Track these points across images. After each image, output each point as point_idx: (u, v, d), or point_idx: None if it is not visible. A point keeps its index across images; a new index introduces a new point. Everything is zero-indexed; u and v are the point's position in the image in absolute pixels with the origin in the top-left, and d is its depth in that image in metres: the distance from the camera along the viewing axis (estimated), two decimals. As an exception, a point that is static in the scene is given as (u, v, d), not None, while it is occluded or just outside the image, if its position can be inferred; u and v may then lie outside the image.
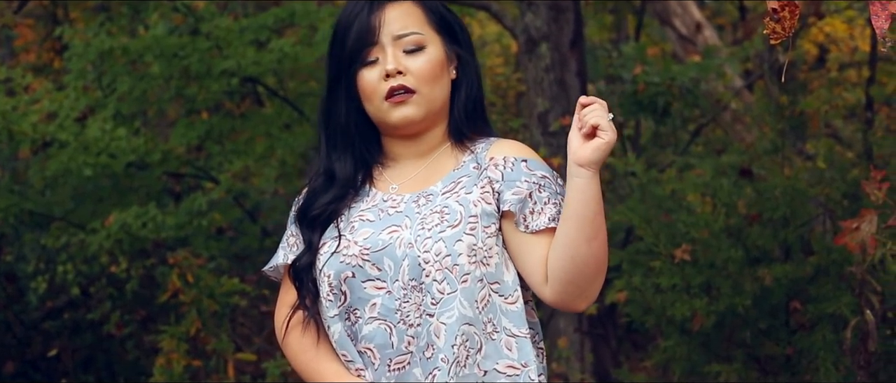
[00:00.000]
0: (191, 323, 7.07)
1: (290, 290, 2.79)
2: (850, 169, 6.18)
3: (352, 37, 2.72)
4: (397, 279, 2.63)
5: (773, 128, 6.05)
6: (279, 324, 2.80)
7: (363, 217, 2.72)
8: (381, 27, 2.72)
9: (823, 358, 5.23)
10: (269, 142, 7.87)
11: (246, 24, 7.80)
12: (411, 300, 2.63)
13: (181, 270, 7.12)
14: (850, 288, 5.16)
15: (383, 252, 2.64)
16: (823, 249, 5.44)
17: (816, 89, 9.51)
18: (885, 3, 2.24)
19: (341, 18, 2.77)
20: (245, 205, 8.39)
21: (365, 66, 2.72)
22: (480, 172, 2.71)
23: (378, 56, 2.72)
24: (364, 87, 2.73)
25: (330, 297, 2.69)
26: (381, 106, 2.71)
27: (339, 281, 2.67)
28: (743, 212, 5.79)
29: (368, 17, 2.72)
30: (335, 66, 2.76)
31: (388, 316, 2.64)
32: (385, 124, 2.75)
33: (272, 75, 8.02)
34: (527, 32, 6.88)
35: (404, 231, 2.65)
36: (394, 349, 2.64)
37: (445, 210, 2.66)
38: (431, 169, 2.77)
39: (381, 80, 2.70)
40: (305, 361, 2.76)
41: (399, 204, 2.72)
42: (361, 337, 2.67)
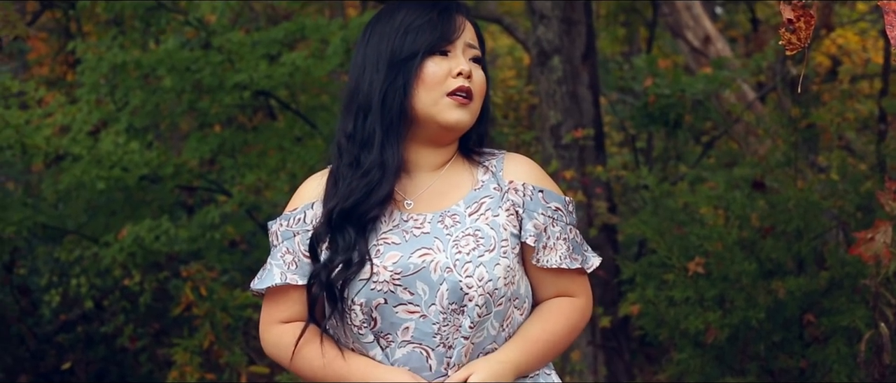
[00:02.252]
0: (204, 336, 7.07)
1: (284, 307, 2.76)
2: (863, 181, 6.17)
3: (434, 26, 2.73)
4: (434, 303, 2.63)
5: (785, 141, 6.04)
6: (285, 342, 2.73)
7: (387, 240, 2.68)
8: (461, 29, 2.76)
9: (837, 372, 5.21)
10: (281, 156, 7.87)
11: (258, 37, 7.81)
12: (451, 323, 2.64)
13: (194, 283, 7.13)
14: (864, 301, 5.14)
15: (416, 276, 2.63)
16: (837, 262, 5.42)
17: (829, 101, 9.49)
18: (900, 15, 2.24)
19: (411, 11, 2.76)
20: (258, 218, 8.39)
21: (433, 56, 2.72)
22: (502, 194, 2.75)
23: (449, 51, 2.74)
24: (430, 75, 2.71)
25: (363, 326, 2.66)
26: (441, 100, 2.71)
27: (371, 308, 2.65)
28: (756, 224, 5.78)
29: (452, 14, 2.76)
30: (403, 50, 2.72)
31: (425, 339, 2.64)
32: (434, 120, 2.72)
33: (284, 88, 8.03)
34: (539, 45, 6.88)
35: (438, 254, 2.65)
36: (432, 372, 2.66)
37: (478, 233, 2.68)
38: (446, 184, 2.77)
39: (449, 75, 2.71)
40: (338, 362, 2.69)
41: (423, 224, 2.70)
42: (394, 360, 2.66)
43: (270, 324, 2.78)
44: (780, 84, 8.55)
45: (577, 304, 2.82)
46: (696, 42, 9.60)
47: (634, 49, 12.24)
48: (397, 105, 2.69)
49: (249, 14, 10.21)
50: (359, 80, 2.76)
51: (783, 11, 2.39)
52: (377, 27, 2.78)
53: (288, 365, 2.77)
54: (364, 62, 2.76)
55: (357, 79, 2.76)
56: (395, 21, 2.75)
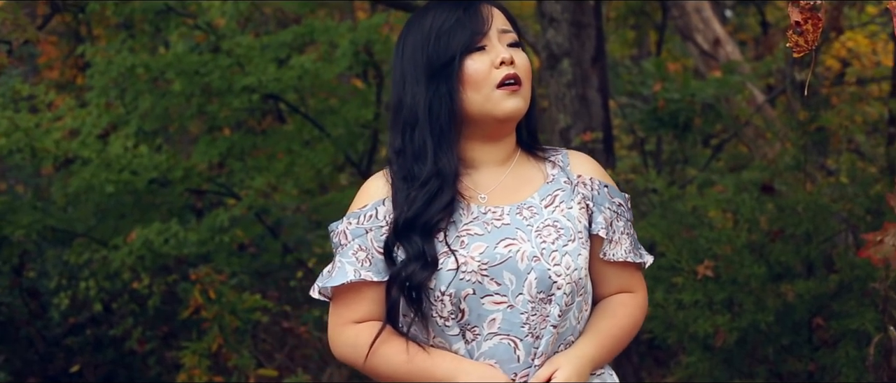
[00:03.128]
0: (213, 340, 7.07)
1: (356, 307, 2.73)
2: (872, 184, 6.15)
3: (463, 24, 2.71)
4: (521, 292, 2.64)
5: (794, 144, 6.03)
6: (362, 342, 2.70)
7: (470, 231, 2.68)
8: (491, 18, 2.74)
9: (846, 375, 5.20)
10: (290, 159, 7.88)
11: (267, 41, 7.83)
12: (538, 312, 2.66)
13: (203, 286, 7.13)
14: (873, 305, 5.13)
15: (503, 266, 2.64)
16: (846, 265, 5.41)
17: (838, 104, 9.48)
18: (908, 17, 2.24)
19: (437, 14, 2.74)
20: (267, 222, 8.40)
21: (472, 54, 2.71)
22: (573, 188, 2.78)
23: (486, 44, 2.72)
24: (473, 74, 2.70)
25: (450, 317, 2.65)
26: (492, 94, 2.70)
27: (460, 298, 2.64)
28: (765, 228, 5.77)
29: (478, 7, 2.74)
30: (438, 57, 2.70)
31: (513, 330, 2.65)
32: (490, 115, 2.71)
33: (293, 92, 8.04)
34: (548, 48, 6.88)
35: (523, 244, 2.66)
36: (520, 363, 2.67)
37: (557, 224, 2.71)
38: (516, 178, 2.79)
39: (491, 68, 2.70)
40: (421, 358, 2.67)
41: (502, 216, 2.71)
42: (480, 353, 2.67)
43: (343, 325, 2.75)
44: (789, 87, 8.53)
45: (638, 300, 2.88)
46: (705, 45, 9.60)
47: (644, 52, 12.23)
48: (445, 112, 2.69)
49: (259, 17, 10.22)
50: (401, 95, 2.75)
51: (791, 14, 2.39)
52: (408, 39, 2.77)
53: (361, 366, 2.73)
54: (403, 76, 2.76)
55: (399, 94, 2.76)
56: (425, 28, 2.74)
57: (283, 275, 8.89)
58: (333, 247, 2.77)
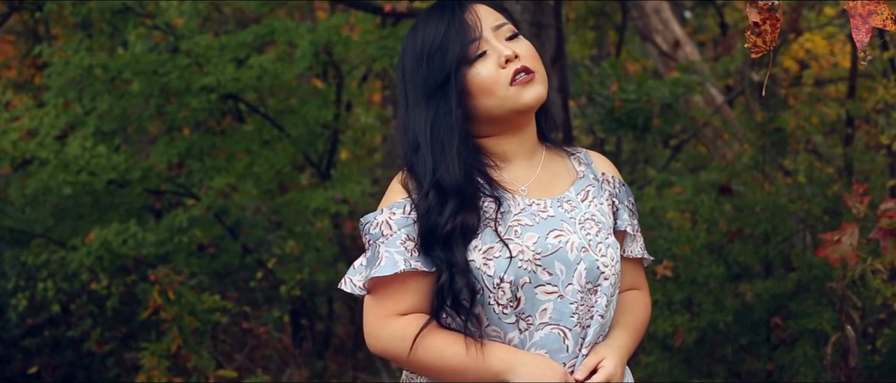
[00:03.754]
0: (172, 341, 7.04)
1: (401, 298, 2.68)
2: (830, 184, 6.20)
3: (452, 39, 2.70)
4: (571, 283, 2.68)
5: (753, 144, 6.06)
6: (408, 334, 2.66)
7: (520, 221, 2.69)
8: (480, 21, 2.73)
9: (804, 374, 5.23)
10: (249, 159, 7.86)
11: (226, 41, 7.79)
12: (585, 303, 2.70)
13: (162, 287, 7.10)
14: (830, 304, 5.17)
15: (554, 256, 2.67)
16: (804, 265, 5.44)
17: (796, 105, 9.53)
18: (866, 18, 2.25)
19: (426, 30, 2.74)
20: (226, 222, 8.37)
21: (473, 63, 2.70)
22: (600, 185, 2.84)
23: (485, 49, 2.71)
24: (481, 81, 2.70)
25: (508, 305, 2.65)
26: (508, 93, 2.70)
27: (518, 286, 2.64)
28: (724, 228, 5.80)
29: (463, 16, 2.73)
30: (434, 76, 2.70)
31: (562, 320, 2.68)
32: (513, 111, 2.72)
33: (252, 92, 8.01)
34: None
35: (571, 235, 2.70)
36: (568, 352, 2.70)
37: (595, 218, 2.77)
38: (548, 173, 2.82)
39: (498, 69, 2.70)
40: (475, 350, 2.65)
41: (546, 208, 2.74)
42: (532, 343, 2.68)
43: (387, 317, 2.70)
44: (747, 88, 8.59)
45: (648, 297, 2.98)
46: (664, 46, 9.64)
47: (604, 53, 12.27)
48: (447, 129, 2.69)
49: (218, 17, 10.19)
50: (404, 118, 2.76)
51: (749, 14, 2.40)
52: (405, 60, 2.78)
53: (405, 359, 2.69)
54: (405, 98, 2.77)
55: (402, 116, 2.78)
56: (417, 48, 2.74)
57: (242, 276, 8.86)
58: (371, 239, 2.72)
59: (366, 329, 2.74)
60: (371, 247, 2.71)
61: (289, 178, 8.58)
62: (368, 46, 7.69)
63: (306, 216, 8.04)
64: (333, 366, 8.44)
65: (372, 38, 7.75)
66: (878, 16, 2.27)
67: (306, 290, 8.56)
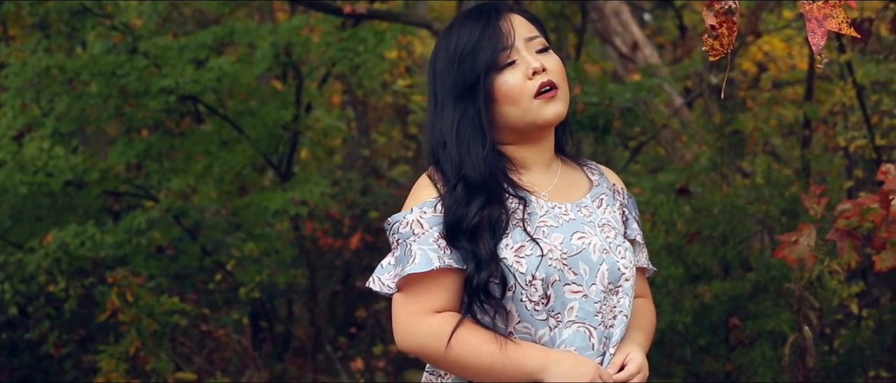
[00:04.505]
0: (130, 343, 7.01)
1: (435, 295, 2.71)
2: (787, 186, 6.23)
3: (485, 44, 2.75)
4: (594, 283, 2.74)
5: (711, 146, 6.09)
6: (444, 331, 2.68)
7: (546, 223, 2.74)
8: (513, 30, 2.78)
9: (762, 375, 5.26)
10: (208, 160, 7.83)
11: (185, 42, 7.76)
12: (607, 303, 2.76)
13: (120, 289, 7.06)
14: (788, 305, 5.19)
15: (579, 256, 2.72)
16: (762, 266, 5.47)
17: (754, 107, 9.59)
18: (822, 21, 2.27)
19: (460, 32, 2.79)
20: (185, 224, 8.33)
21: (502, 70, 2.75)
22: (612, 194, 2.92)
23: (514, 58, 2.76)
24: (507, 89, 2.75)
25: (540, 302, 2.69)
26: (531, 105, 2.75)
27: (548, 284, 2.69)
28: (682, 229, 5.82)
29: (498, 23, 2.77)
30: (464, 78, 2.76)
31: (588, 319, 2.73)
32: (533, 124, 2.77)
33: (211, 93, 7.98)
34: (467, 50, 6.89)
35: (593, 237, 2.76)
36: (593, 350, 2.75)
37: (610, 224, 2.84)
38: (565, 180, 2.88)
39: (525, 80, 2.75)
40: (511, 349, 2.68)
41: (567, 212, 2.80)
42: (561, 341, 2.72)
43: (421, 314, 2.71)
44: (706, 90, 8.62)
45: (653, 306, 3.08)
46: (624, 48, 9.66)
47: (563, 55, 12.28)
48: (472, 131, 2.75)
49: (177, 18, 10.14)
50: (433, 117, 2.82)
51: (706, 17, 2.42)
52: (437, 61, 2.83)
53: (441, 356, 2.70)
54: (434, 97, 2.82)
55: (431, 114, 2.83)
56: (449, 50, 2.79)
57: (201, 278, 8.83)
58: (400, 238, 2.74)
59: (397, 326, 2.75)
60: (400, 245, 2.74)
61: (250, 180, 8.56)
62: (328, 48, 7.68)
63: (266, 218, 8.02)
64: (293, 368, 8.43)
65: (332, 39, 7.74)
66: (833, 19, 2.29)
67: (266, 292, 8.54)
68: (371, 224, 9.71)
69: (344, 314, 9.44)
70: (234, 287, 8.47)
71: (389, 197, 9.97)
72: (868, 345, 6.05)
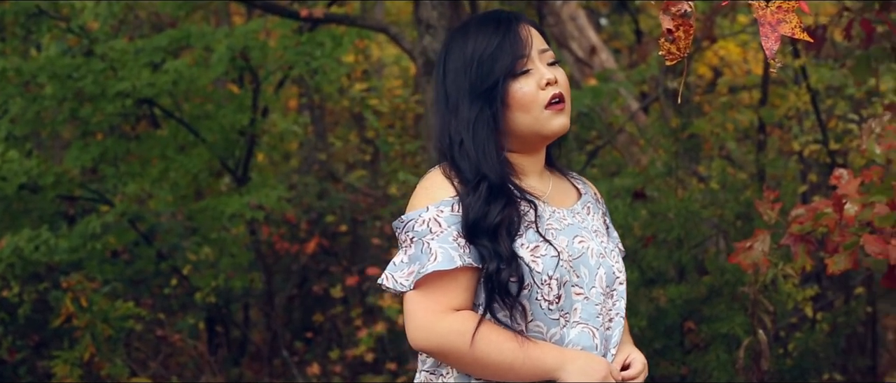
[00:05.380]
0: (85, 348, 6.96)
1: (454, 294, 2.73)
2: (742, 190, 6.27)
3: (505, 50, 2.80)
4: (594, 286, 2.82)
5: (667, 151, 6.12)
6: (467, 328, 2.70)
7: (551, 227, 2.80)
8: (531, 40, 2.83)
9: (717, 378, 5.29)
10: (164, 164, 7.79)
11: (141, 45, 7.72)
12: (605, 305, 2.85)
13: (75, 294, 7.02)
14: (743, 308, 5.22)
15: (580, 260, 2.81)
16: (717, 270, 5.50)
17: (710, 112, 9.63)
18: (775, 26, 2.28)
19: (479, 36, 2.83)
20: (140, 228, 8.29)
21: (517, 78, 2.80)
22: (596, 204, 3.01)
23: (530, 67, 2.81)
24: (521, 97, 2.80)
25: (553, 301, 2.75)
26: (541, 114, 2.81)
27: (562, 284, 2.75)
28: (638, 233, 5.84)
29: (518, 30, 2.83)
30: (482, 81, 2.79)
31: (590, 320, 2.80)
32: (539, 134, 2.83)
33: (167, 97, 7.95)
34: (425, 55, 6.89)
35: (590, 242, 2.84)
36: (597, 351, 2.81)
37: (600, 230, 2.93)
38: (558, 188, 2.95)
39: (538, 89, 2.80)
40: (529, 347, 2.72)
41: (566, 217, 2.87)
42: (569, 340, 2.78)
43: (441, 312, 2.72)
44: (662, 95, 8.66)
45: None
46: (580, 52, 9.69)
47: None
48: (487, 132, 2.79)
49: (133, 21, 10.09)
50: (446, 115, 2.85)
51: (662, 21, 2.43)
52: (450, 63, 2.87)
53: (464, 353, 2.71)
54: (447, 97, 2.85)
55: (444, 117, 2.86)
56: (466, 53, 2.83)
57: (157, 283, 8.78)
58: (415, 236, 2.75)
59: (415, 323, 2.75)
60: (415, 243, 2.75)
61: (206, 184, 8.52)
62: (285, 52, 7.67)
63: (222, 222, 7.99)
64: (249, 373, 8.40)
65: (289, 43, 7.73)
66: (787, 24, 2.30)
67: (222, 297, 8.51)
68: (327, 228, 9.69)
69: (300, 319, 9.41)
70: (190, 291, 8.43)
71: (346, 201, 9.96)
72: (822, 348, 6.09)
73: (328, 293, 8.96)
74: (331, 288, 8.81)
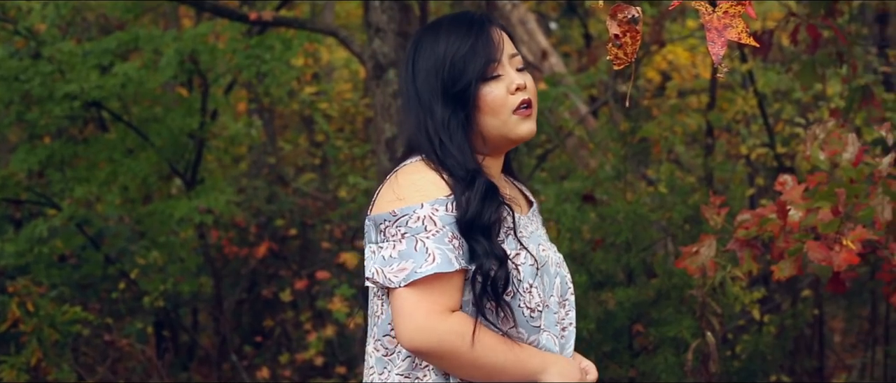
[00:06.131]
0: (31, 353, 6.91)
1: (449, 295, 2.69)
2: (691, 193, 6.30)
3: (479, 52, 2.79)
4: (552, 294, 2.84)
5: (616, 155, 6.14)
6: (466, 329, 2.68)
7: (522, 234, 2.80)
8: (501, 45, 2.82)
9: (666, 380, 5.31)
10: (112, 168, 7.74)
11: (89, 47, 7.67)
12: (559, 314, 2.88)
13: (21, 299, 6.96)
14: (691, 311, 5.25)
15: (544, 268, 2.81)
16: (665, 273, 5.53)
17: (659, 116, 9.69)
18: (721, 31, 2.30)
19: (451, 37, 2.81)
20: (88, 232, 8.23)
21: (487, 82, 2.79)
22: (539, 211, 3.03)
23: (500, 72, 2.80)
24: (491, 101, 2.79)
25: (535, 310, 2.77)
26: (509, 119, 2.80)
27: (541, 293, 2.78)
28: (587, 237, 5.86)
29: (490, 34, 2.82)
30: (454, 82, 2.78)
31: (551, 327, 2.83)
32: (506, 138, 2.82)
33: (116, 100, 7.90)
34: (374, 58, 6.89)
35: (549, 251, 2.87)
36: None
37: (549, 239, 2.95)
38: (516, 194, 2.96)
39: (508, 94, 2.79)
40: (516, 349, 2.73)
41: (527, 224, 2.87)
42: (541, 346, 2.80)
43: (440, 313, 2.68)
44: (611, 99, 8.70)
45: None
46: (530, 56, 9.71)
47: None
48: (462, 134, 2.77)
49: (81, 23, 10.03)
50: (422, 116, 2.82)
51: (610, 27, 2.44)
52: (420, 62, 2.85)
53: (462, 354, 2.68)
54: (418, 96, 2.83)
55: (420, 115, 2.83)
56: (438, 54, 2.81)
57: (104, 287, 8.73)
58: (408, 232, 2.69)
59: (413, 323, 2.69)
60: (407, 239, 2.69)
61: (156, 188, 8.48)
62: (235, 55, 7.64)
63: (170, 226, 7.95)
64: (198, 378, 8.36)
65: (238, 46, 7.70)
66: (733, 29, 2.31)
67: (170, 301, 8.46)
68: (277, 232, 9.66)
69: (250, 323, 9.38)
70: (138, 296, 8.38)
71: (295, 205, 9.93)
72: (770, 350, 6.14)
73: (278, 297, 8.93)
74: (280, 292, 8.78)
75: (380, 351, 2.83)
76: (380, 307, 2.82)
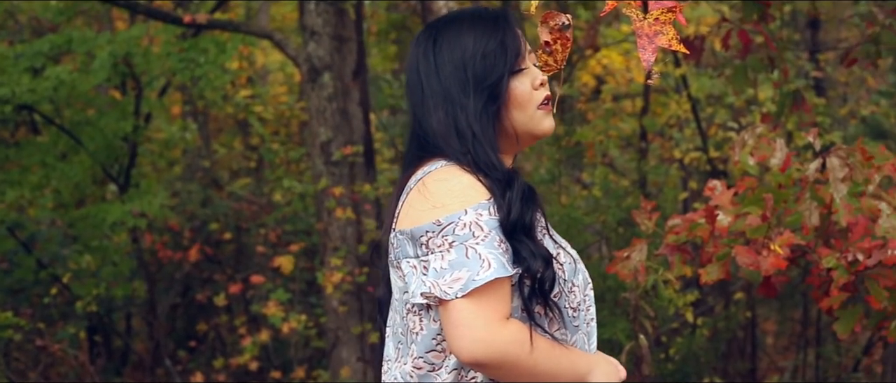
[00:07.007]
0: (-38, 359, 6.84)
1: (504, 302, 2.57)
2: (624, 197, 6.35)
3: (509, 45, 2.72)
4: (586, 291, 2.80)
5: (550, 158, 6.18)
6: (524, 337, 2.58)
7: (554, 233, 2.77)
8: (524, 40, 2.78)
9: None
10: (44, 172, 7.68)
11: (21, 50, 7.61)
12: (591, 311, 2.84)
13: (-49, 304, 6.90)
14: (625, 314, 5.29)
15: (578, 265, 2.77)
16: (599, 276, 5.56)
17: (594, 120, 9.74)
18: (652, 38, 2.32)
19: (476, 31, 2.74)
20: (20, 237, 8.16)
21: (515, 75, 2.73)
22: None
23: (525, 66, 2.75)
24: (519, 95, 2.72)
25: (578, 307, 2.74)
26: (535, 114, 2.74)
27: (582, 291, 2.75)
28: (522, 240, 5.87)
29: (516, 29, 2.76)
30: (486, 75, 2.70)
31: (582, 326, 2.77)
32: (531, 133, 2.77)
33: (48, 103, 7.83)
34: (310, 62, 6.88)
35: (571, 249, 2.80)
36: None
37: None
38: None
39: (533, 88, 2.74)
40: (567, 352, 2.67)
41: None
42: (578, 345, 2.75)
43: (498, 321, 2.56)
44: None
45: None
46: (465, 60, 9.75)
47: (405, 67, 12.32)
48: (492, 129, 2.69)
49: (12, 25, 9.94)
50: (449, 110, 2.73)
51: (541, 33, 2.46)
52: (444, 56, 2.76)
53: (522, 362, 2.58)
54: (444, 91, 2.74)
55: (444, 108, 2.73)
56: (466, 46, 2.73)
57: (36, 292, 8.65)
58: (454, 240, 2.57)
59: (473, 335, 2.56)
60: (456, 248, 2.57)
61: (90, 192, 8.42)
62: (169, 58, 7.60)
63: (103, 230, 7.89)
64: (132, 383, 8.31)
65: (172, 49, 7.65)
66: (664, 36, 2.34)
67: (103, 306, 8.40)
68: (211, 236, 9.61)
69: (184, 327, 9.33)
70: (71, 301, 8.31)
71: (230, 208, 9.89)
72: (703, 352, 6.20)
73: (212, 301, 8.88)
74: (214, 296, 8.74)
75: (423, 368, 2.69)
76: (419, 323, 2.69)
